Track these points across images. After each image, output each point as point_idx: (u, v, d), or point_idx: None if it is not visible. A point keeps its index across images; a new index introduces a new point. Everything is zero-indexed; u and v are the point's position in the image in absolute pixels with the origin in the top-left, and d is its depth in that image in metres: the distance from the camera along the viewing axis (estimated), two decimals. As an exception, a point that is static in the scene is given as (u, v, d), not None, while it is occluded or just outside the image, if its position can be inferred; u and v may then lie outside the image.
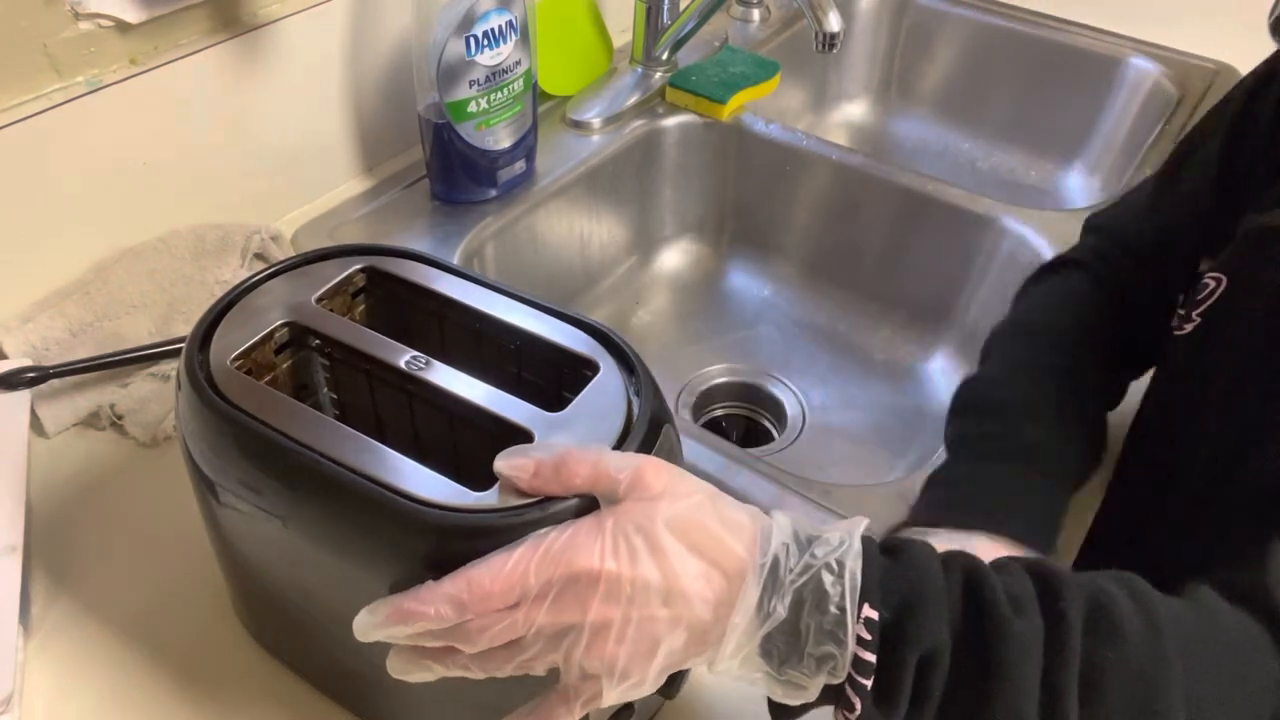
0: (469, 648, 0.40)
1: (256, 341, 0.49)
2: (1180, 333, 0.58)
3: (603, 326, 0.50)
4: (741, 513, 0.41)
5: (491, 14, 0.79)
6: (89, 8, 0.70)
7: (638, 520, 0.39)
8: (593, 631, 0.39)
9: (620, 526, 0.39)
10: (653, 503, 0.40)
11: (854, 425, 0.95)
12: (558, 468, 0.40)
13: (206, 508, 0.49)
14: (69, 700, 0.54)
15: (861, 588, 0.39)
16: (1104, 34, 1.18)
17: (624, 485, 0.40)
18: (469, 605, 0.38)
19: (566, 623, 0.39)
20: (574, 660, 0.39)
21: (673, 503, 0.40)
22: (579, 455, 0.40)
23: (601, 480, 0.40)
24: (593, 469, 0.40)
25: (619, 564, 0.38)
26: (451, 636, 0.39)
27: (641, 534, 0.39)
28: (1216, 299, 0.56)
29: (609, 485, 0.40)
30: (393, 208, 0.89)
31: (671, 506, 0.40)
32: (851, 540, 0.41)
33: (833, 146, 1.01)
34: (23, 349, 0.69)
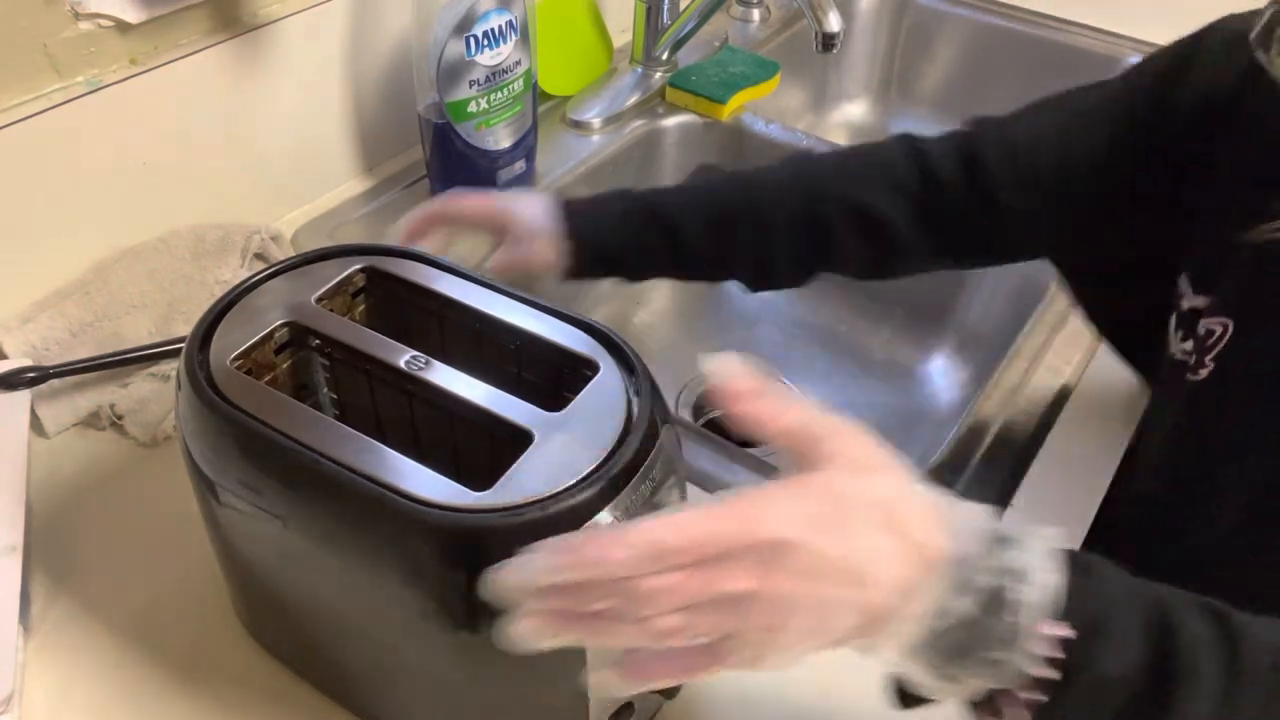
0: (634, 610, 0.35)
1: (256, 341, 0.49)
2: (1195, 378, 0.58)
3: (602, 326, 0.50)
4: (941, 499, 0.39)
5: (491, 14, 0.79)
6: (89, 8, 0.70)
7: (844, 492, 0.37)
8: (770, 603, 0.35)
9: (824, 498, 0.36)
10: (860, 478, 0.37)
11: (854, 425, 0.95)
12: (765, 395, 0.38)
13: (206, 508, 0.49)
14: (69, 700, 0.54)
15: (1054, 601, 0.37)
16: (1104, 34, 1.18)
17: (826, 451, 0.37)
18: (643, 561, 0.34)
19: (744, 591, 0.35)
20: (737, 630, 0.36)
21: (881, 480, 0.37)
22: (791, 399, 0.38)
23: (805, 434, 0.38)
24: (800, 419, 0.38)
25: (816, 537, 0.35)
26: (612, 595, 0.34)
27: (846, 508, 0.36)
28: (1226, 344, 0.56)
29: (810, 444, 0.38)
30: (393, 208, 0.89)
31: (880, 484, 0.37)
32: (1047, 547, 0.38)
33: (833, 146, 1.01)
34: (23, 349, 0.69)
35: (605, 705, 0.48)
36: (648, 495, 0.43)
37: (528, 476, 0.42)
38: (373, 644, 0.47)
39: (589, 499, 0.41)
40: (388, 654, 0.47)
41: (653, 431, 0.44)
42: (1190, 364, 0.59)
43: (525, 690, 0.46)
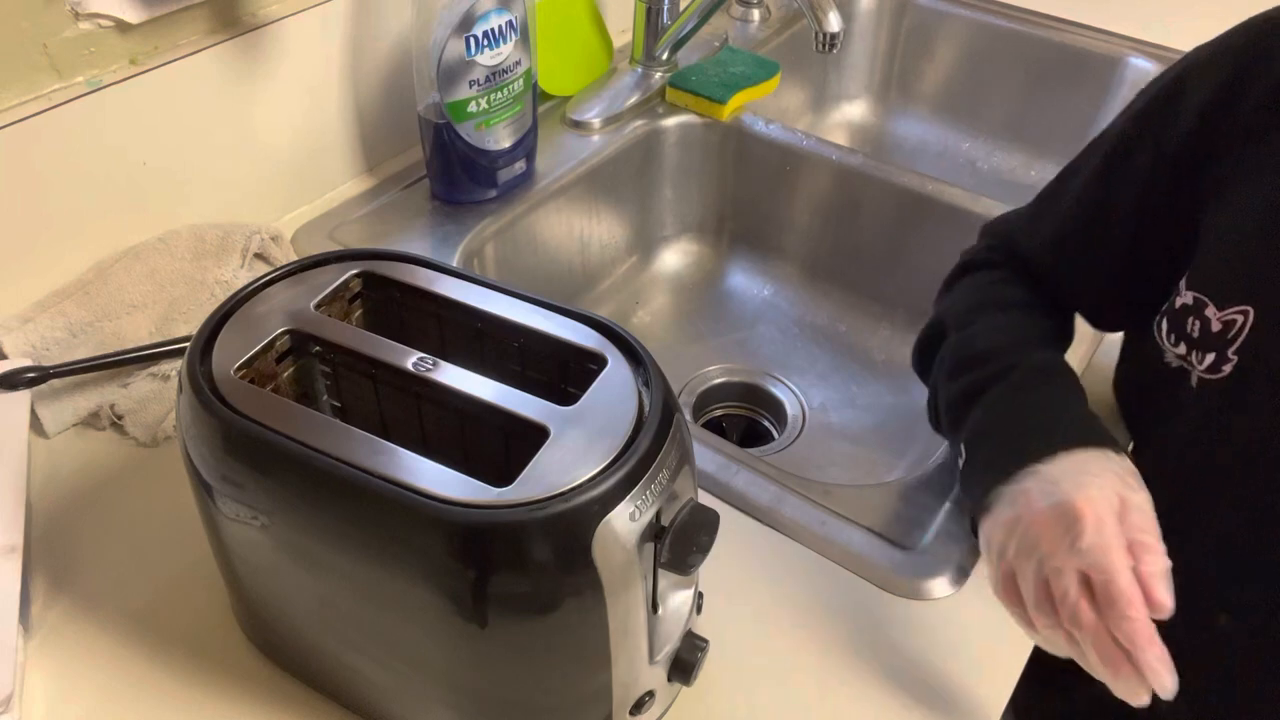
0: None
1: (258, 351, 0.49)
2: (1215, 376, 0.57)
3: (606, 320, 0.50)
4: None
5: (491, 14, 0.79)
6: (89, 8, 0.70)
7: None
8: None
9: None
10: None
11: (854, 425, 0.95)
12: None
13: (211, 518, 0.49)
14: (69, 700, 0.54)
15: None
16: (1104, 34, 1.18)
17: None
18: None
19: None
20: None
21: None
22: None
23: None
24: None
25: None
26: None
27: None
28: (1248, 334, 0.55)
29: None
30: (393, 208, 0.89)
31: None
32: None
33: (833, 146, 1.01)
34: (23, 349, 0.69)
35: (630, 691, 0.49)
36: (665, 483, 0.44)
37: (547, 471, 0.42)
38: (386, 646, 0.47)
39: (609, 490, 0.41)
40: (402, 655, 0.47)
41: (666, 421, 0.45)
42: (1193, 366, 0.59)
43: (547, 684, 0.47)
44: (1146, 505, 0.51)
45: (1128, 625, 0.46)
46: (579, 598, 0.43)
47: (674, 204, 1.08)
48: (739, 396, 1.01)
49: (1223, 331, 0.56)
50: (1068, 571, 0.48)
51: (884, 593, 0.60)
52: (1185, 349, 0.59)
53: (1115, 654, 0.46)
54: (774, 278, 1.09)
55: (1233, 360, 0.56)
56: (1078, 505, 0.49)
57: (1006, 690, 0.56)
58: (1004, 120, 1.26)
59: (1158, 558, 0.48)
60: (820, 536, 0.63)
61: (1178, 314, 0.59)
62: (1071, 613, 0.48)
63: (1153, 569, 0.47)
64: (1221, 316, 0.56)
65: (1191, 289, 0.58)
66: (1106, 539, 0.48)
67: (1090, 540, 0.48)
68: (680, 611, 0.51)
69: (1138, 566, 0.47)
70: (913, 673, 0.57)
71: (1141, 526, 0.49)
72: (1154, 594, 0.46)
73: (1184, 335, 0.59)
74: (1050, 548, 0.49)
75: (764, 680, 0.56)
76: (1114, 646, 0.47)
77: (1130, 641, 0.46)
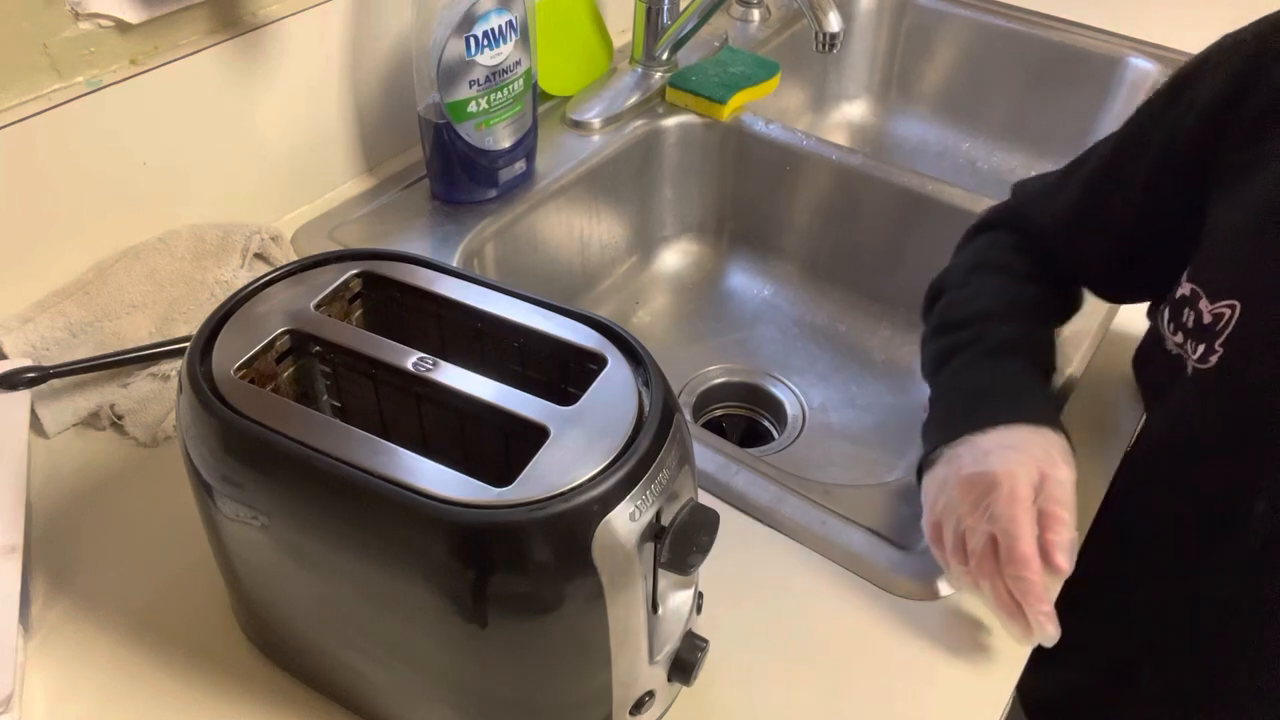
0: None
1: (258, 351, 0.49)
2: (1204, 366, 0.58)
3: (605, 320, 0.50)
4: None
5: (491, 14, 0.79)
6: (89, 8, 0.70)
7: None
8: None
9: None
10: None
11: (854, 425, 0.95)
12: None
13: (213, 520, 0.49)
14: (69, 700, 0.54)
15: None
16: (1104, 34, 1.18)
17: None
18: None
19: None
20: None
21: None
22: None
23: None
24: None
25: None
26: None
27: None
28: (1233, 327, 0.56)
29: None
30: (393, 208, 0.89)
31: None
32: None
33: (833, 146, 1.01)
34: (23, 349, 0.69)
35: (630, 691, 0.49)
36: (665, 483, 0.44)
37: (547, 471, 0.42)
38: (386, 646, 0.47)
39: (609, 490, 0.41)
40: (402, 655, 0.47)
41: (666, 421, 0.45)
42: (1188, 355, 0.60)
43: (547, 684, 0.47)
44: (1066, 481, 0.56)
45: (1021, 584, 0.53)
46: (579, 598, 0.43)
47: (674, 204, 1.08)
48: (739, 396, 1.01)
49: (1212, 324, 0.58)
50: (979, 531, 0.56)
51: (884, 593, 0.60)
52: (1182, 338, 0.60)
53: (1010, 604, 0.55)
54: (774, 278, 1.09)
55: (1218, 352, 0.58)
56: (996, 475, 0.56)
57: (1007, 690, 0.56)
58: (1004, 120, 1.26)
59: (1064, 529, 0.55)
60: (820, 536, 0.63)
61: (1177, 304, 0.61)
62: (978, 565, 0.56)
63: (1057, 538, 0.54)
64: (1212, 309, 0.58)
65: (1190, 281, 0.60)
66: (1015, 508, 0.54)
67: (1001, 508, 0.55)
68: (680, 611, 0.51)
69: (1043, 534, 0.54)
70: (913, 672, 0.57)
71: (1056, 499, 0.55)
72: (1053, 559, 0.54)
73: (1181, 325, 0.60)
74: (968, 508, 0.56)
75: (764, 680, 0.56)
76: (1010, 598, 0.55)
77: (1022, 597, 0.54)
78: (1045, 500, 0.55)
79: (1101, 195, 0.68)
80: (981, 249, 0.75)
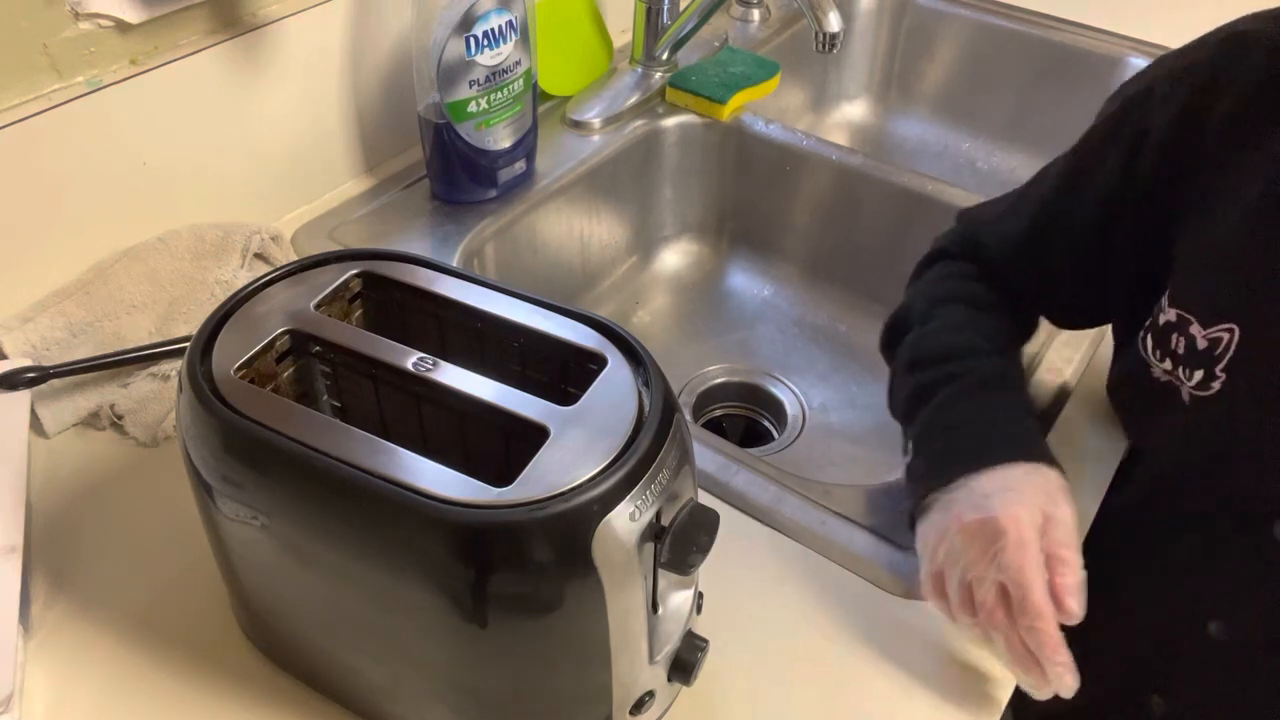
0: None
1: (258, 351, 0.49)
2: (1206, 392, 0.58)
3: (606, 320, 0.50)
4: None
5: (491, 14, 0.79)
6: (89, 8, 0.70)
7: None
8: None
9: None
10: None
11: (854, 425, 0.95)
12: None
13: (213, 520, 0.49)
14: (69, 700, 0.54)
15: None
16: (1104, 34, 1.18)
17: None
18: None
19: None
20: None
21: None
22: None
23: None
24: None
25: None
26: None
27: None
28: (1234, 351, 0.56)
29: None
30: (393, 208, 0.89)
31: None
32: None
33: (833, 146, 1.01)
34: (23, 349, 0.69)
35: (630, 691, 0.49)
36: (665, 483, 0.44)
37: (547, 471, 0.42)
38: (386, 645, 0.47)
39: (609, 490, 0.41)
40: (402, 655, 0.47)
41: (666, 421, 0.45)
42: (1182, 381, 0.59)
43: (547, 684, 0.47)
44: (1069, 520, 0.54)
45: (1036, 635, 0.51)
46: (579, 598, 0.43)
47: (674, 204, 1.08)
48: (739, 396, 1.01)
49: (1209, 349, 0.57)
50: (988, 581, 0.53)
51: (884, 593, 0.60)
52: (1171, 365, 0.59)
53: (1025, 655, 0.52)
54: (774, 278, 1.09)
55: (1221, 377, 0.57)
56: (1001, 522, 0.53)
57: (1006, 690, 0.56)
58: (1004, 120, 1.26)
59: (1072, 571, 0.53)
60: (820, 536, 0.63)
61: (1161, 330, 0.59)
62: (988, 617, 0.53)
63: (1066, 581, 0.52)
64: (1207, 334, 0.57)
65: (1175, 306, 0.58)
66: (1025, 555, 0.52)
67: (1010, 557, 0.52)
68: (680, 611, 0.51)
69: (1052, 579, 0.52)
70: (912, 672, 0.57)
71: (1061, 541, 0.53)
72: (1065, 604, 0.52)
73: (1169, 352, 0.59)
74: (974, 558, 0.54)
75: (764, 680, 0.56)
76: (1024, 649, 0.52)
77: (1038, 648, 0.51)
78: (1050, 543, 0.53)
79: (1055, 219, 0.66)
80: (938, 280, 0.72)
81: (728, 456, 0.68)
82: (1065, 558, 0.53)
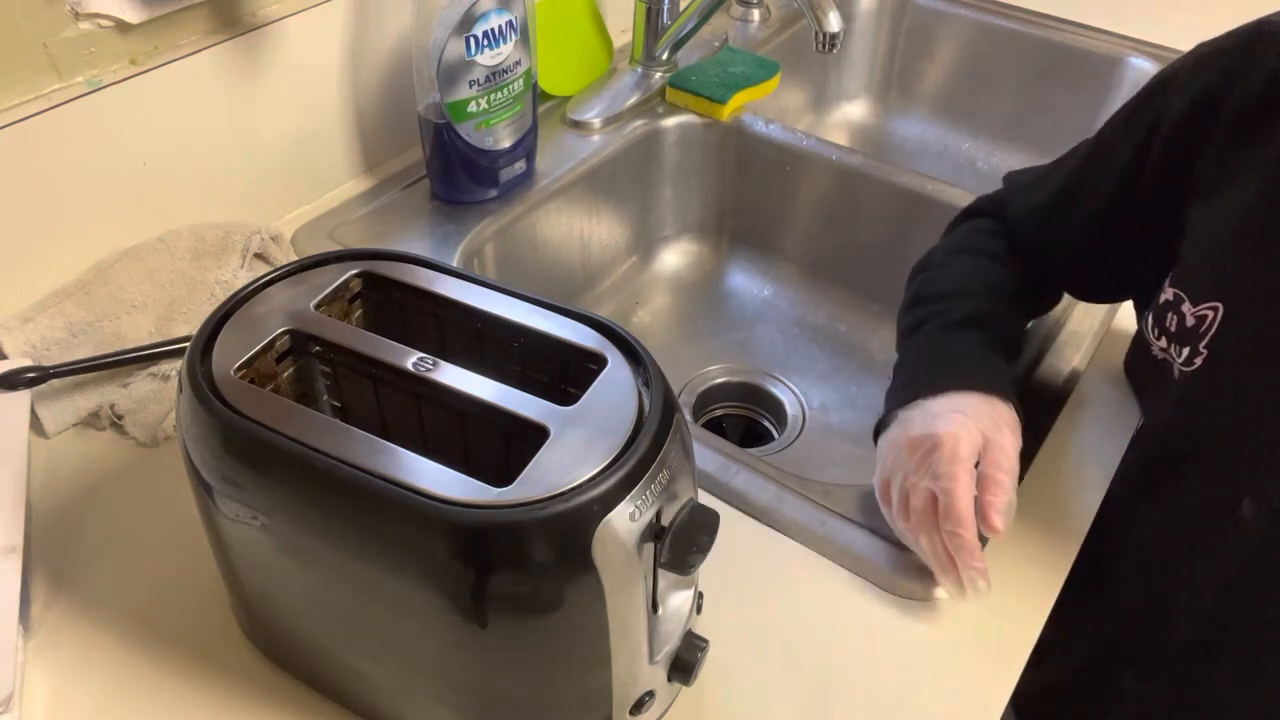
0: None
1: (258, 351, 0.49)
2: (1190, 369, 0.59)
3: (606, 320, 0.50)
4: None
5: (491, 14, 0.79)
6: (89, 8, 0.70)
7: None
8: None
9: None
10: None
11: (854, 425, 0.95)
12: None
13: (213, 522, 0.49)
14: (69, 700, 0.54)
15: None
16: (1104, 34, 1.18)
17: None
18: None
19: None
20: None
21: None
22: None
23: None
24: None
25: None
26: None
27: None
28: (1216, 329, 0.57)
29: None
30: (393, 208, 0.89)
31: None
32: None
33: (833, 146, 1.01)
34: (23, 349, 0.69)
35: (630, 691, 0.49)
36: (665, 483, 0.44)
37: (547, 471, 0.42)
38: (386, 646, 0.47)
39: (609, 490, 0.41)
40: (402, 655, 0.47)
41: (666, 421, 0.45)
42: (1173, 359, 0.60)
43: (547, 684, 0.47)
44: (1009, 448, 0.59)
45: (957, 540, 0.56)
46: (579, 598, 0.43)
47: (674, 204, 1.08)
48: (739, 396, 1.01)
49: (1195, 326, 0.58)
50: (920, 488, 0.58)
51: (884, 593, 0.60)
52: (1166, 343, 0.61)
53: (946, 560, 0.57)
54: (774, 278, 1.09)
55: (1203, 354, 0.58)
56: (941, 436, 0.58)
57: (1006, 690, 0.56)
58: (1004, 120, 1.26)
59: (1001, 492, 0.57)
60: (820, 536, 0.63)
61: (1160, 309, 0.61)
62: (918, 520, 0.58)
63: (994, 500, 0.57)
64: (1194, 312, 0.58)
65: (1173, 285, 0.60)
66: (956, 467, 0.57)
67: (943, 467, 0.57)
68: (680, 611, 0.51)
69: (982, 495, 0.57)
70: (912, 672, 0.57)
71: (997, 464, 0.58)
72: (989, 520, 0.57)
73: (1164, 330, 0.61)
74: (912, 466, 0.59)
75: (764, 680, 0.56)
76: (946, 554, 0.57)
77: (957, 552, 0.56)
78: (986, 464, 0.58)
79: (1074, 194, 0.69)
80: (965, 233, 0.77)
81: (728, 456, 0.68)
82: (998, 479, 0.58)
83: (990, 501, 0.57)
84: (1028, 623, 0.59)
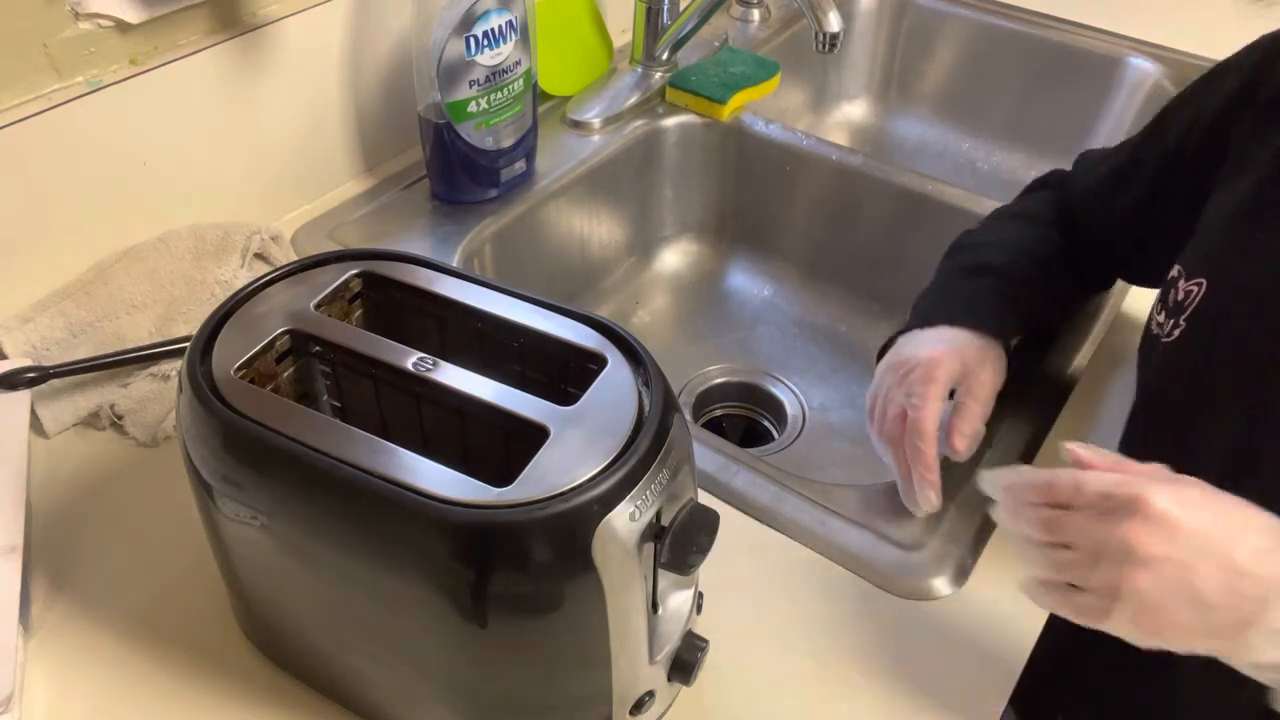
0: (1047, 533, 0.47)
1: (258, 351, 0.49)
2: (1168, 340, 0.60)
3: (606, 320, 0.50)
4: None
5: (491, 14, 0.79)
6: (89, 8, 0.70)
7: (1215, 492, 0.45)
8: (1153, 573, 0.43)
9: (1201, 490, 0.45)
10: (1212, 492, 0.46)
11: (854, 425, 0.95)
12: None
13: (214, 521, 0.49)
14: (69, 700, 0.54)
15: None
16: (1104, 34, 1.18)
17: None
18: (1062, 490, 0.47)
19: (1130, 543, 0.43)
20: (1122, 592, 0.44)
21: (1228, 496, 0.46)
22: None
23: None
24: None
25: (1194, 515, 0.44)
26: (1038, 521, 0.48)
27: (1208, 498, 0.45)
28: (1197, 303, 0.58)
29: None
30: (393, 208, 0.89)
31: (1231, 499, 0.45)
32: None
33: (833, 146, 1.01)
34: (23, 349, 0.69)
35: (630, 691, 0.49)
36: (665, 483, 0.44)
37: (547, 471, 0.42)
38: (386, 645, 0.47)
39: (609, 490, 0.41)
40: (402, 655, 0.47)
41: (665, 421, 0.45)
42: (1162, 332, 0.60)
43: (547, 684, 0.47)
44: (987, 382, 0.64)
45: (917, 453, 0.61)
46: (579, 598, 0.43)
47: (674, 204, 1.08)
48: (739, 396, 1.01)
49: (1182, 300, 0.59)
50: (894, 403, 0.64)
51: (884, 593, 0.60)
52: (1164, 318, 0.62)
53: (906, 471, 0.63)
54: (774, 278, 1.09)
55: (1181, 326, 0.59)
56: (920, 358, 0.63)
57: (1006, 690, 0.56)
58: (1004, 120, 1.26)
59: (970, 419, 0.63)
60: (820, 536, 0.63)
61: (1166, 285, 0.62)
62: (890, 430, 0.64)
63: (961, 426, 0.63)
64: (1185, 286, 0.59)
65: (1178, 262, 0.61)
66: (928, 388, 0.62)
67: (915, 388, 0.62)
68: (680, 611, 0.51)
69: (951, 419, 0.62)
70: (913, 672, 0.57)
71: (972, 392, 0.63)
72: (953, 441, 0.62)
73: (1165, 304, 0.62)
74: (891, 384, 0.65)
75: (764, 680, 0.56)
76: (907, 467, 0.62)
77: (914, 463, 0.61)
78: (962, 392, 0.63)
79: (1126, 173, 0.70)
80: (1020, 201, 0.80)
81: (728, 456, 0.68)
82: (970, 406, 0.63)
83: (957, 425, 0.62)
84: (1027, 623, 0.59)
